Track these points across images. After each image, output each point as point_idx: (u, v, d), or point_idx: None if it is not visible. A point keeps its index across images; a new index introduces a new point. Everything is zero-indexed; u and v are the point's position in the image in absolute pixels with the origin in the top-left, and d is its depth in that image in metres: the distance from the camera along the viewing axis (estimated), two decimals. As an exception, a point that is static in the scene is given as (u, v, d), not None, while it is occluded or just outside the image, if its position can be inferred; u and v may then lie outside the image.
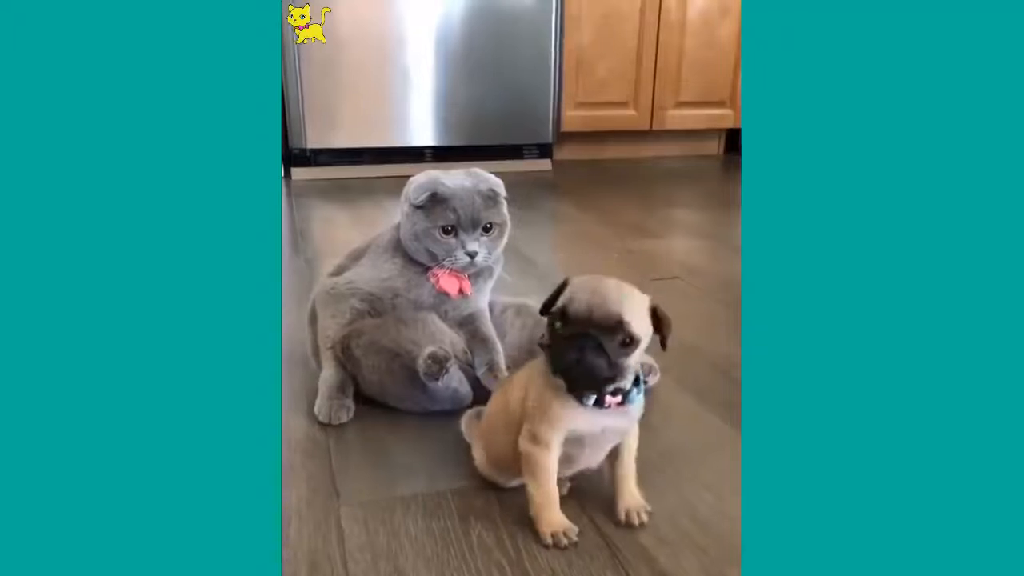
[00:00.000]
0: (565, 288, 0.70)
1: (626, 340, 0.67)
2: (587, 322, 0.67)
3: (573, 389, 0.70)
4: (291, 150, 2.57)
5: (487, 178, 0.99)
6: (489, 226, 0.98)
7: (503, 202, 1.00)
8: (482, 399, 0.91)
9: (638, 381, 0.72)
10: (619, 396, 0.70)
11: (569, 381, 0.69)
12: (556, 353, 0.69)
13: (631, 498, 0.76)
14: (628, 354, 0.68)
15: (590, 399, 0.70)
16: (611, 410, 0.70)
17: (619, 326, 0.66)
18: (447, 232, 0.96)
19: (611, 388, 0.69)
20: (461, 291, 1.00)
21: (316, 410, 0.97)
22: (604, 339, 0.66)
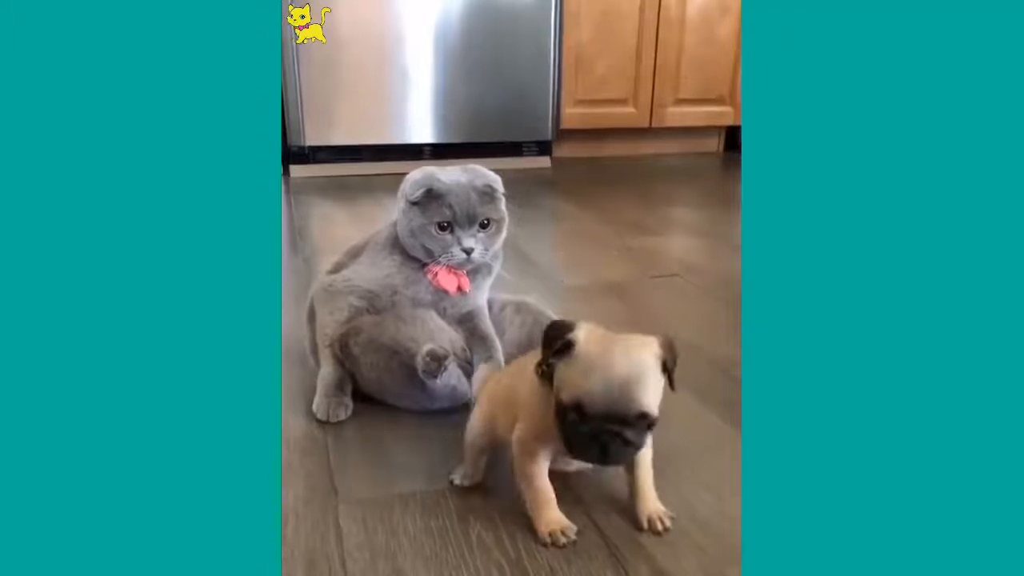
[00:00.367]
0: (571, 348, 0.65)
1: (649, 424, 0.65)
2: (606, 418, 0.64)
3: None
4: (290, 147, 2.57)
5: (484, 174, 0.99)
6: (486, 222, 0.98)
7: (500, 198, 0.99)
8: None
9: None
10: None
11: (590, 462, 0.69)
12: (577, 445, 0.66)
13: (652, 504, 0.75)
14: (650, 431, 0.66)
15: None
16: None
17: (642, 418, 0.64)
18: (443, 228, 0.96)
19: None
20: (460, 288, 1.00)
21: (314, 408, 0.96)
22: (626, 431, 0.64)
